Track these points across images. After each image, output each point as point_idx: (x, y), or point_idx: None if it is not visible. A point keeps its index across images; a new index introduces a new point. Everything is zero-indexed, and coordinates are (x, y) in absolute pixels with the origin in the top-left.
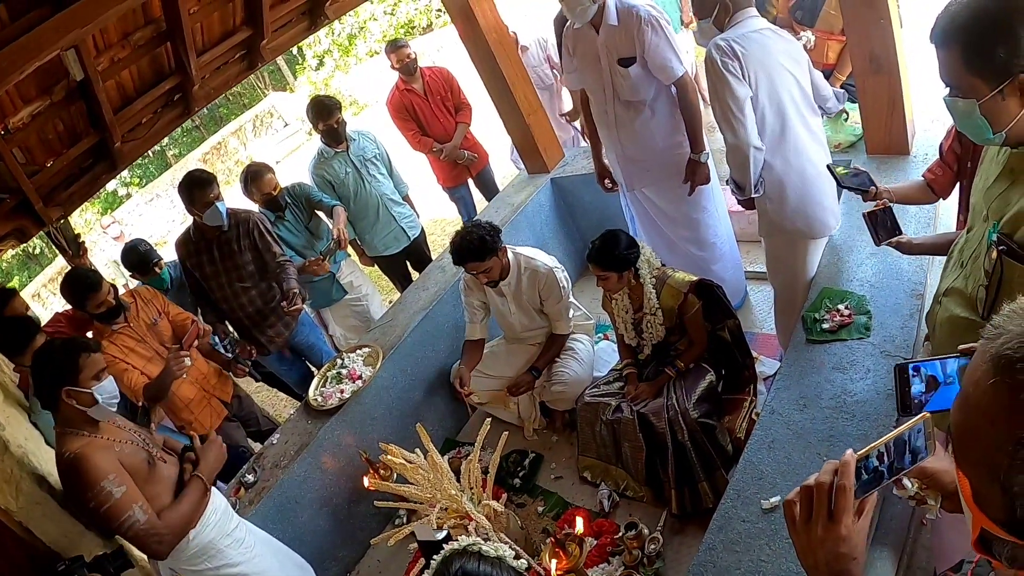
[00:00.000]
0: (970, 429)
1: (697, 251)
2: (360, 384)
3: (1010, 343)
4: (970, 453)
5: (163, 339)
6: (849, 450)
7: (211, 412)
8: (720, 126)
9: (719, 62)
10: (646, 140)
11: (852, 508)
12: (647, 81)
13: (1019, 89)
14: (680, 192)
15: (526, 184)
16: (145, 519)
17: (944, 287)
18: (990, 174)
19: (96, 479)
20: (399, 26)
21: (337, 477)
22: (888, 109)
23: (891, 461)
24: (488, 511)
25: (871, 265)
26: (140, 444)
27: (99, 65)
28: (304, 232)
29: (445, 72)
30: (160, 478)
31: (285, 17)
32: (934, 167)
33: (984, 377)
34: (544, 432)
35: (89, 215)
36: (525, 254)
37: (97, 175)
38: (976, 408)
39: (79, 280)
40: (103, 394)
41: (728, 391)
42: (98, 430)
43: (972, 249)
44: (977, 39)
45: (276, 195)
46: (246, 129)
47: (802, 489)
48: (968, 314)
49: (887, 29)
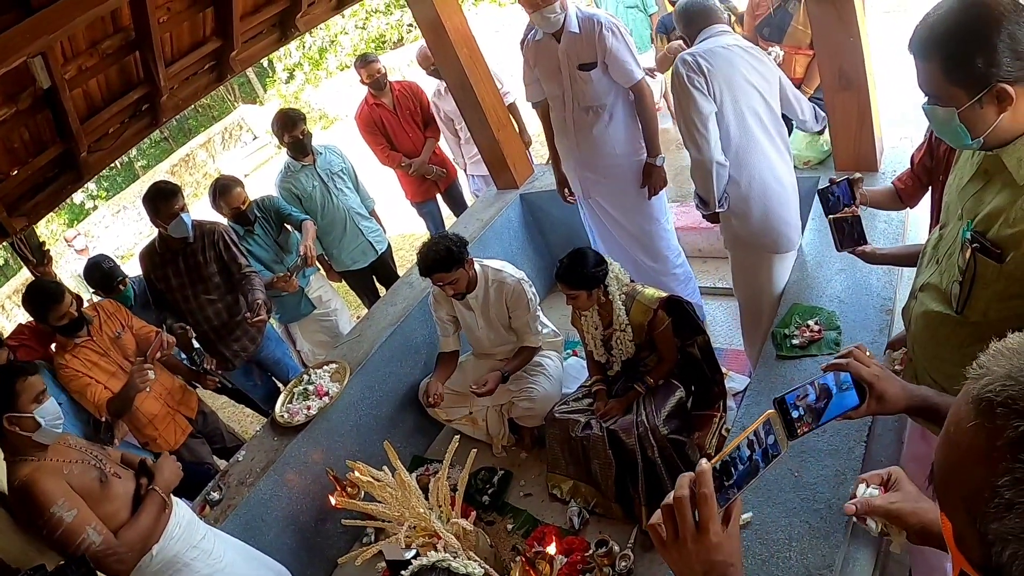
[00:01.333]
0: (950, 471)
1: (650, 262)
2: (327, 400)
3: (992, 385)
4: (950, 495)
5: (127, 353)
6: (703, 459)
7: (175, 428)
8: (684, 141)
9: (684, 77)
10: (603, 146)
11: (717, 515)
12: (607, 85)
13: (996, 97)
14: (634, 202)
15: (495, 199)
16: (101, 540)
17: (920, 282)
18: (964, 174)
19: (46, 505)
20: (370, 40)
21: (304, 495)
22: (857, 125)
23: (764, 448)
24: (457, 529)
25: (840, 281)
26: (91, 462)
27: (66, 73)
28: (273, 246)
29: (415, 87)
30: (115, 495)
31: (255, 28)
32: (904, 176)
33: (965, 419)
34: (513, 449)
35: (55, 226)
36: (492, 266)
37: (63, 185)
38: (956, 450)
39: (40, 292)
40: (46, 416)
41: (698, 407)
42: (46, 453)
43: (947, 246)
44: (956, 50)
45: (245, 209)
46: (215, 141)
47: (663, 508)
48: (943, 309)
49: (856, 46)
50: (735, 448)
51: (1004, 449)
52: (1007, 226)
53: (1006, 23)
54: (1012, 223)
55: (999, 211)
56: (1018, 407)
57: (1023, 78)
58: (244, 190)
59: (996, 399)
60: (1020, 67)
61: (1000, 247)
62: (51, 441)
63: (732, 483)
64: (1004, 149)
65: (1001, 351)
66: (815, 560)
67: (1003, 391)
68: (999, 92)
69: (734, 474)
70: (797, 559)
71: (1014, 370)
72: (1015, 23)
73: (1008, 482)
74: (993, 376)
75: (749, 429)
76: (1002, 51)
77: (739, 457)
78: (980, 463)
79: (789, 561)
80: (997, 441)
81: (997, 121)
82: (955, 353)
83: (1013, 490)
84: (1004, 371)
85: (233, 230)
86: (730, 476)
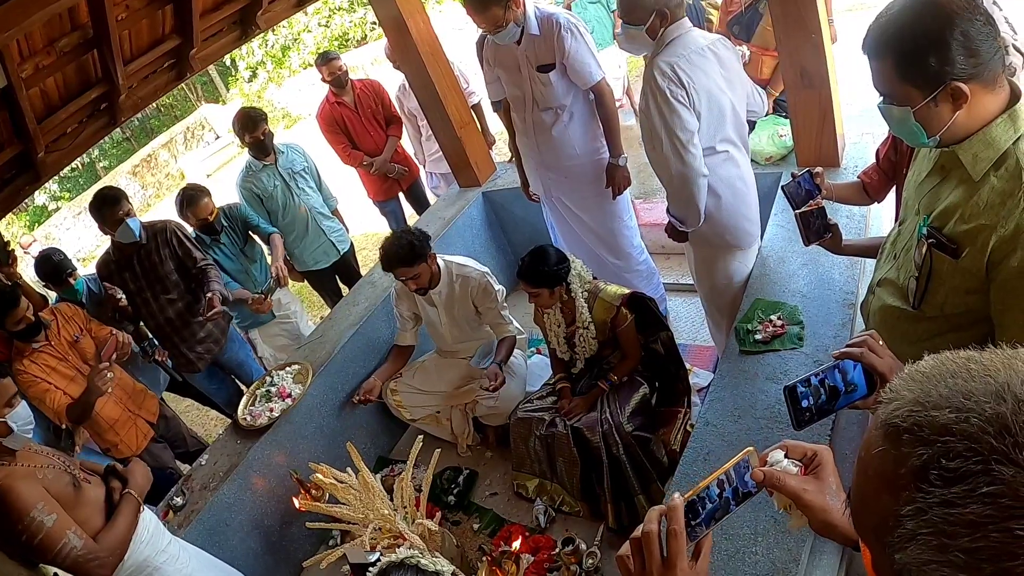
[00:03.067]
0: (861, 495)
1: (613, 259)
2: (290, 402)
3: (900, 411)
4: (862, 520)
5: (86, 357)
6: (676, 493)
7: (137, 432)
8: (661, 154)
9: (667, 91)
10: (564, 146)
11: (686, 551)
12: (566, 86)
13: (951, 95)
14: (596, 200)
15: (457, 198)
16: (82, 544)
17: (877, 277)
18: (922, 170)
19: (25, 510)
20: (333, 38)
21: (268, 498)
22: (819, 123)
23: (734, 487)
24: (422, 530)
25: (803, 276)
26: (62, 468)
27: (23, 72)
28: (239, 256)
29: (376, 85)
30: (87, 500)
31: (215, 26)
32: (870, 170)
33: (874, 443)
34: (478, 448)
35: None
36: (456, 262)
37: (19, 187)
38: (866, 475)
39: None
40: (17, 421)
41: (662, 403)
42: (16, 458)
43: (904, 241)
44: (909, 49)
45: (212, 220)
46: (177, 141)
47: (631, 541)
48: (900, 304)
49: (818, 44)
50: (706, 487)
51: (908, 477)
52: (963, 222)
53: (959, 21)
54: (967, 219)
55: (955, 207)
56: (923, 434)
57: (977, 76)
58: (211, 200)
59: (903, 425)
60: (974, 65)
61: (956, 243)
62: (20, 446)
63: (700, 520)
64: (960, 145)
65: (912, 375)
66: (781, 555)
67: (910, 416)
68: (953, 91)
69: (701, 512)
70: (763, 554)
71: (922, 395)
72: (968, 21)
73: (911, 512)
74: (902, 401)
75: (724, 467)
76: (956, 49)
77: (708, 496)
78: (886, 490)
79: (755, 556)
80: (901, 468)
81: (952, 119)
82: (912, 348)
83: (915, 520)
84: (913, 396)
85: (199, 240)
86: (698, 514)
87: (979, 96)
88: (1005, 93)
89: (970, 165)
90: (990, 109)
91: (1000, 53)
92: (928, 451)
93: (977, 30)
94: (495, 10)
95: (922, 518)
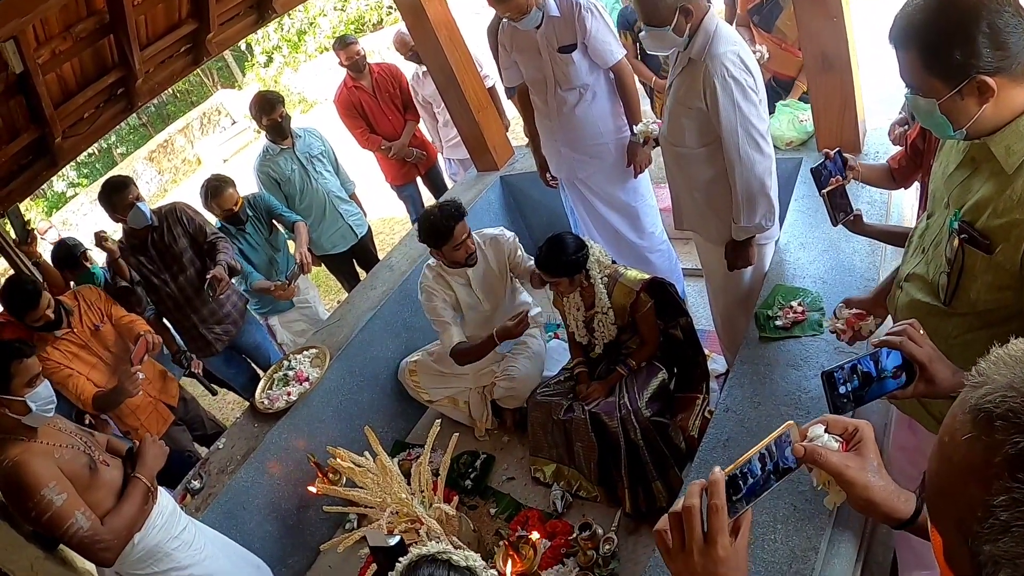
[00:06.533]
0: (942, 485)
1: (637, 239)
2: (307, 386)
3: (992, 396)
4: (942, 510)
5: (107, 344)
6: (717, 467)
7: (157, 417)
8: (740, 154)
9: (743, 82)
10: (586, 127)
11: (727, 528)
12: (588, 66)
13: (977, 89)
14: (618, 180)
15: (475, 182)
16: (89, 525)
17: (906, 272)
18: (950, 162)
19: (36, 487)
20: (349, 22)
21: (285, 482)
22: (840, 107)
23: (775, 462)
24: (439, 514)
25: (824, 262)
26: (81, 448)
27: (39, 57)
28: (265, 245)
29: (394, 69)
30: (102, 483)
31: (232, 11)
32: (899, 155)
33: (961, 430)
34: (495, 432)
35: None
36: (480, 232)
37: (37, 172)
38: (950, 462)
39: (17, 293)
40: (37, 401)
41: (680, 389)
42: (36, 435)
43: (933, 236)
44: (934, 42)
45: (238, 210)
46: (193, 127)
47: (671, 515)
48: (930, 299)
49: (839, 27)
50: (747, 461)
51: (1002, 466)
52: (995, 216)
53: (986, 13)
54: (1000, 213)
55: (987, 200)
56: (1019, 420)
57: (1005, 69)
58: (236, 190)
59: (996, 411)
60: (1001, 58)
61: (989, 237)
62: (40, 424)
63: (741, 496)
64: (991, 137)
65: (1003, 358)
66: (800, 542)
67: (1003, 402)
68: (979, 84)
69: (743, 488)
70: (782, 541)
71: (1016, 380)
72: (995, 13)
73: (1005, 502)
74: (994, 385)
75: (765, 441)
76: (981, 43)
77: (750, 471)
78: (975, 480)
79: (775, 543)
80: (994, 457)
81: (979, 113)
82: (943, 344)
83: (1010, 511)
84: (1006, 380)
85: (225, 230)
86: (739, 490)
87: (1007, 89)
88: None
89: (1003, 158)
90: (1020, 101)
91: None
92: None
93: (1005, 22)
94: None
95: (1017, 509)
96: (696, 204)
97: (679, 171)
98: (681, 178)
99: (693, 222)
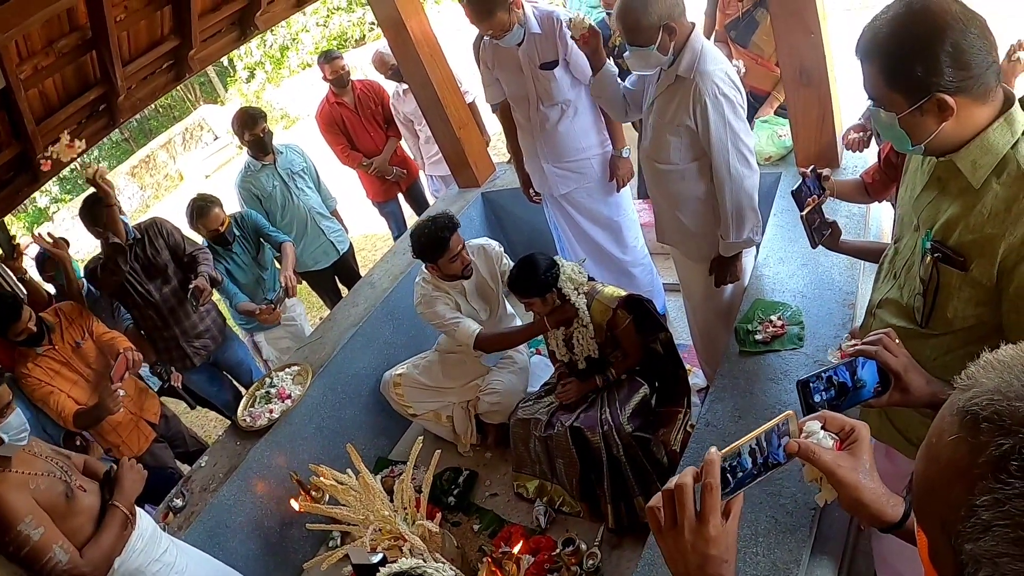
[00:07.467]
0: (929, 483)
1: (620, 254)
2: (289, 403)
3: (979, 399)
4: (927, 508)
5: (88, 361)
6: (713, 448)
7: (139, 434)
8: (729, 172)
9: (734, 100)
10: (568, 142)
11: (720, 508)
12: (569, 81)
13: (937, 106)
14: (600, 194)
15: (456, 198)
16: (68, 559)
17: (877, 299)
18: (916, 184)
19: (13, 522)
20: (331, 38)
21: (268, 500)
22: (818, 121)
23: (765, 457)
24: (422, 531)
25: (803, 276)
26: (58, 475)
27: (21, 73)
28: (252, 266)
29: (376, 86)
30: (80, 510)
31: (214, 27)
32: (872, 170)
33: (948, 431)
34: (478, 449)
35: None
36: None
37: (18, 188)
38: (936, 462)
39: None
40: (9, 432)
41: (662, 404)
42: (9, 464)
43: (904, 260)
44: (897, 56)
45: (224, 230)
46: (176, 142)
47: (664, 492)
48: (905, 323)
49: (816, 42)
50: (741, 448)
51: (985, 467)
52: (968, 232)
53: (951, 33)
54: (972, 229)
55: (957, 218)
56: (1004, 423)
57: (966, 89)
58: (222, 210)
59: (982, 413)
60: (963, 78)
61: (963, 254)
62: (13, 454)
63: (730, 489)
64: (957, 154)
65: (991, 363)
66: (782, 555)
67: (989, 405)
68: (939, 102)
69: (731, 481)
70: (764, 554)
71: (1003, 384)
72: (960, 32)
73: (987, 502)
74: (981, 388)
75: (763, 427)
76: (944, 61)
77: (740, 464)
78: (959, 479)
79: (756, 557)
80: (979, 458)
81: (938, 130)
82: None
83: (991, 511)
84: (993, 384)
85: (212, 250)
86: (727, 484)
87: (968, 108)
88: (998, 100)
89: (969, 173)
90: (980, 119)
91: (995, 67)
92: (1009, 441)
93: (969, 43)
94: (500, 15)
95: (999, 509)
96: (677, 222)
97: (661, 188)
98: (662, 196)
99: (674, 239)
